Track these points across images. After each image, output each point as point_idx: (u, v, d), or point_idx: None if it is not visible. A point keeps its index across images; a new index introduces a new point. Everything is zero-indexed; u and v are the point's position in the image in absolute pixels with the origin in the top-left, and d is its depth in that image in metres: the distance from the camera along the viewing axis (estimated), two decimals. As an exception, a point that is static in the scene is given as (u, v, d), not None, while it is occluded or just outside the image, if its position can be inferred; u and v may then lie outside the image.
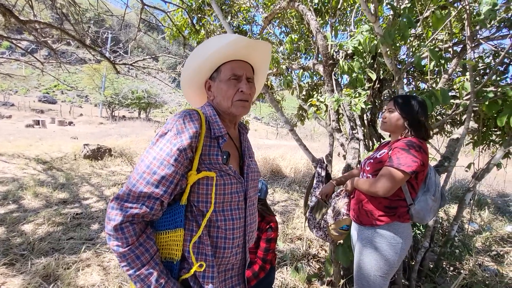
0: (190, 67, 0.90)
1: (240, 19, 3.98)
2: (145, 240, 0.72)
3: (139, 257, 0.70)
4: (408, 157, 1.25)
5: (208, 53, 0.84)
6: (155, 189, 0.70)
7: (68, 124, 18.78)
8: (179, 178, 0.74)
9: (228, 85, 0.85)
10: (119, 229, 0.68)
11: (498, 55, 2.36)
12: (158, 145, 0.74)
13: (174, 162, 0.71)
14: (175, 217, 0.76)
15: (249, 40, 0.84)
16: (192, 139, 0.74)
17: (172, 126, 0.75)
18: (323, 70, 2.46)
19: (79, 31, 4.88)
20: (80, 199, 4.17)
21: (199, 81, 0.93)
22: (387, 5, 2.38)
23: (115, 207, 0.69)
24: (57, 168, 5.86)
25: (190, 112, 0.78)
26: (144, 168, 0.72)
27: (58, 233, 2.94)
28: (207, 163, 0.78)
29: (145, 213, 0.70)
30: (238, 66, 0.87)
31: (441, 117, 2.94)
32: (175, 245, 0.76)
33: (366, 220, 1.40)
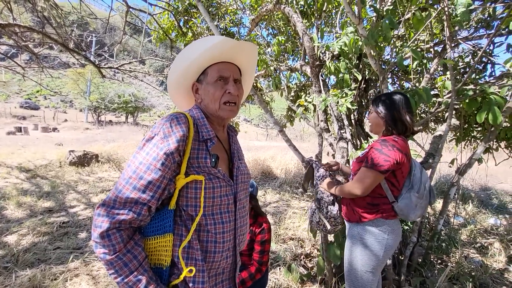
0: (176, 70, 0.89)
1: (227, 22, 3.99)
2: (133, 246, 0.71)
3: (127, 264, 0.69)
4: (380, 157, 1.28)
5: (194, 56, 0.84)
6: (142, 194, 0.69)
7: (52, 131, 18.21)
8: (166, 182, 0.73)
9: (215, 87, 0.85)
10: (105, 236, 0.67)
11: (477, 55, 2.46)
12: (144, 149, 0.73)
13: (161, 166, 0.71)
14: (163, 222, 0.75)
15: (235, 42, 0.83)
16: (179, 142, 0.73)
17: (159, 130, 0.74)
18: (310, 71, 2.50)
19: (62, 34, 4.75)
20: (67, 207, 4.05)
21: (186, 84, 0.92)
22: (370, 7, 2.44)
23: (101, 214, 0.68)
24: (41, 176, 5.67)
25: (177, 116, 0.78)
26: (130, 173, 0.71)
27: (43, 243, 2.85)
28: (195, 167, 0.77)
29: (132, 219, 0.69)
30: (224, 67, 0.87)
31: (425, 115, 3.04)
32: (164, 250, 0.75)
33: (353, 217, 1.44)
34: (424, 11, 2.31)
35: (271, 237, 1.68)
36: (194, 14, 3.93)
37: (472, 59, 2.61)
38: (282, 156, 8.09)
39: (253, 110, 21.69)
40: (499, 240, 3.23)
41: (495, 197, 5.51)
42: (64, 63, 6.88)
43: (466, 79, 2.03)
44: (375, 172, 1.28)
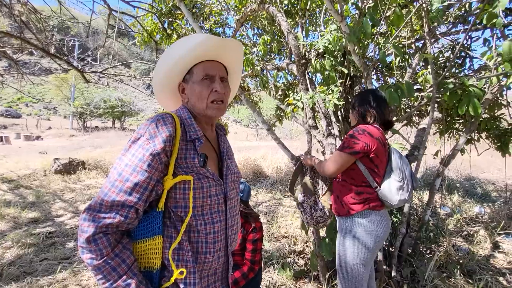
0: (161, 71, 0.88)
1: (212, 23, 3.97)
2: (121, 250, 0.69)
3: (115, 268, 0.67)
4: (351, 140, 1.40)
5: (178, 55, 0.83)
6: (128, 196, 0.68)
7: (36, 139, 17.62)
8: (154, 184, 0.72)
9: (202, 85, 0.84)
10: (92, 241, 0.65)
11: (456, 49, 2.54)
12: (130, 151, 0.72)
13: (148, 167, 0.69)
14: (152, 224, 0.74)
15: (219, 39, 0.83)
16: (165, 143, 0.72)
17: (145, 131, 0.73)
18: (297, 69, 2.51)
19: (42, 39, 4.61)
20: (53, 216, 3.92)
21: (171, 85, 0.91)
22: (352, 5, 2.48)
23: (87, 218, 0.66)
24: (25, 186, 5.48)
25: (163, 116, 0.77)
26: (116, 176, 0.69)
27: (29, 255, 2.75)
28: (183, 167, 0.76)
29: (119, 223, 0.68)
30: (210, 66, 0.86)
31: (409, 109, 3.11)
32: (154, 253, 0.74)
33: (342, 211, 1.48)
34: (404, 8, 2.38)
35: (263, 235, 1.68)
36: (178, 16, 3.89)
37: (452, 53, 2.70)
38: (272, 155, 8.12)
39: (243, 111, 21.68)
40: (484, 228, 3.35)
41: (479, 187, 5.71)
42: (45, 69, 6.67)
43: (445, 72, 2.09)
44: (345, 154, 1.40)
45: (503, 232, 3.14)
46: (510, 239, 3.13)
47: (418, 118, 3.36)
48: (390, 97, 1.71)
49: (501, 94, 2.14)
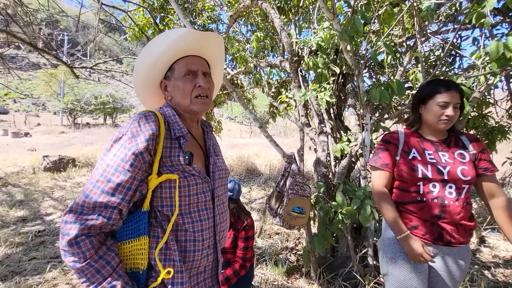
0: (141, 69, 0.86)
1: (205, 18, 3.93)
2: (106, 252, 0.68)
3: (99, 271, 0.66)
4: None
5: (158, 51, 0.81)
6: (111, 197, 0.67)
7: (24, 135, 17.22)
8: (137, 184, 0.70)
9: (184, 81, 0.82)
10: (74, 244, 0.63)
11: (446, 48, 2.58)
12: (112, 151, 0.70)
13: (130, 167, 0.68)
14: (137, 224, 0.73)
15: (200, 33, 0.82)
16: (148, 141, 0.71)
17: (127, 130, 0.71)
18: (290, 66, 2.51)
19: (29, 33, 4.48)
20: (42, 215, 3.85)
21: (153, 82, 0.89)
22: (345, 3, 2.49)
23: (69, 220, 0.65)
24: (13, 184, 5.36)
25: (146, 114, 0.75)
26: (97, 177, 0.68)
27: (18, 254, 2.70)
28: (168, 166, 0.75)
29: (102, 224, 0.66)
30: (192, 61, 0.85)
31: (400, 106, 3.15)
32: (140, 254, 0.73)
33: (467, 237, 1.17)
34: (396, 7, 2.39)
35: (254, 233, 1.69)
36: (170, 11, 3.83)
37: (442, 52, 2.73)
38: (266, 153, 8.13)
39: (236, 108, 21.63)
40: (471, 223, 3.43)
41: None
42: (33, 63, 6.50)
43: (435, 71, 2.12)
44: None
45: (489, 227, 3.23)
46: (496, 234, 3.22)
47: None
48: (381, 95, 1.72)
49: (488, 93, 2.19)
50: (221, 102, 4.77)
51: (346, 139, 2.16)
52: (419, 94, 1.25)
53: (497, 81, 1.90)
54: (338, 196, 1.81)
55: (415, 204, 1.17)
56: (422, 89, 1.24)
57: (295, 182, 1.62)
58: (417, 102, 1.26)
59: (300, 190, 1.59)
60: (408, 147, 1.24)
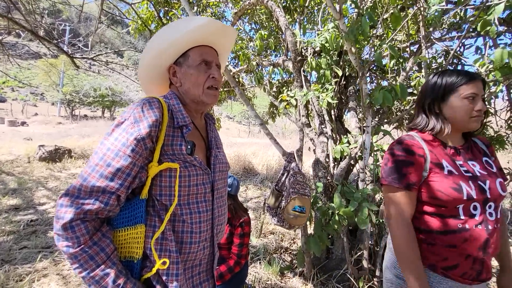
0: (152, 50, 0.83)
1: (209, 14, 3.91)
2: (100, 238, 0.66)
3: (93, 257, 0.64)
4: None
5: (175, 36, 0.80)
6: (109, 182, 0.65)
7: (21, 125, 17.06)
8: (137, 170, 0.69)
9: (199, 70, 0.82)
10: (68, 228, 0.62)
11: (449, 55, 2.59)
12: (113, 135, 0.68)
13: (131, 152, 0.66)
14: (134, 212, 0.71)
15: (221, 24, 0.82)
16: (151, 128, 0.69)
17: (129, 114, 0.70)
18: (292, 66, 2.50)
19: (31, 21, 4.43)
20: (35, 204, 3.81)
21: (161, 66, 0.86)
22: (351, 4, 2.48)
23: (65, 204, 0.63)
24: (7, 172, 5.30)
25: (149, 100, 0.73)
26: (97, 160, 0.66)
27: (8, 242, 2.66)
28: (170, 154, 0.74)
29: (99, 209, 0.64)
30: (207, 51, 0.85)
31: (400, 112, 3.15)
32: (136, 242, 0.71)
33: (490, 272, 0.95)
34: (402, 11, 2.40)
35: (250, 230, 1.67)
36: (174, 5, 3.81)
37: (445, 59, 2.74)
38: (264, 152, 8.12)
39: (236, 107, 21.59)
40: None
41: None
42: (34, 52, 6.45)
43: (439, 77, 2.12)
44: None
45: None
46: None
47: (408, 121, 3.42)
48: (384, 98, 1.72)
49: (489, 102, 2.19)
50: (221, 100, 4.75)
51: (346, 141, 2.16)
52: (434, 91, 0.97)
53: (499, 90, 1.90)
54: (335, 198, 1.80)
55: (457, 235, 0.86)
56: (435, 83, 0.97)
57: (296, 181, 1.60)
58: (432, 101, 0.98)
59: (301, 189, 1.58)
60: (437, 158, 0.93)
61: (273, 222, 1.74)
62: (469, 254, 0.86)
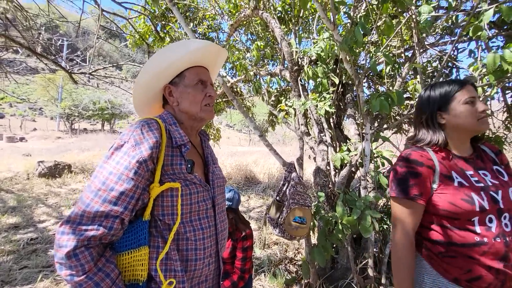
0: (150, 71, 0.85)
1: (206, 27, 3.97)
2: (104, 264, 0.66)
3: (98, 284, 0.63)
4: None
5: (174, 58, 0.82)
6: (113, 206, 0.65)
7: (20, 140, 17.05)
8: (140, 192, 0.69)
9: (196, 89, 0.85)
10: (72, 256, 0.61)
11: (443, 60, 2.62)
12: (114, 158, 0.68)
13: (134, 175, 0.67)
14: (138, 234, 0.71)
15: (218, 47, 0.88)
16: (152, 149, 0.70)
17: (129, 137, 0.70)
18: (290, 75, 2.53)
19: (28, 38, 4.48)
20: (35, 222, 3.77)
21: (157, 86, 0.88)
22: (345, 14, 2.53)
23: (66, 232, 0.62)
24: (5, 190, 5.26)
25: (148, 122, 0.74)
26: (99, 185, 0.65)
27: (8, 262, 2.62)
28: (170, 174, 0.74)
29: (103, 235, 0.64)
30: (203, 71, 0.89)
31: (399, 117, 3.17)
32: (140, 265, 0.70)
33: None
34: (395, 18, 2.44)
35: (253, 243, 1.65)
36: (171, 19, 3.87)
37: (439, 64, 2.78)
38: (265, 161, 8.11)
39: (235, 116, 21.81)
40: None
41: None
42: (31, 68, 6.48)
43: (434, 82, 2.14)
44: None
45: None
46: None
47: (408, 126, 3.43)
48: (381, 105, 1.73)
49: (485, 104, 2.21)
50: (220, 110, 4.77)
51: (346, 149, 2.16)
52: (430, 104, 0.99)
53: (494, 92, 1.91)
54: (338, 206, 1.79)
55: (475, 248, 0.86)
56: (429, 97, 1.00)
57: (296, 192, 1.60)
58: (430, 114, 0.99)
59: (301, 200, 1.57)
60: (446, 169, 0.92)
61: (274, 233, 1.72)
62: (491, 266, 0.85)
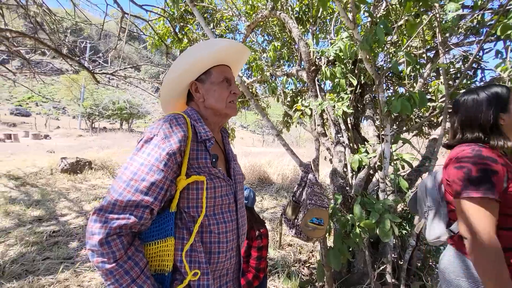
0: (179, 67, 0.87)
1: (223, 28, 4.01)
2: (134, 253, 0.67)
3: (128, 272, 0.65)
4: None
5: (202, 55, 0.85)
6: (144, 196, 0.66)
7: (44, 138, 17.90)
8: (168, 184, 0.71)
9: (222, 87, 0.88)
10: (104, 243, 0.63)
11: (467, 60, 2.51)
12: (144, 150, 0.71)
13: (164, 167, 0.69)
14: (165, 225, 0.73)
15: (245, 47, 0.92)
16: (181, 143, 0.72)
17: (158, 130, 0.73)
18: (307, 76, 2.51)
19: (55, 40, 4.71)
20: (57, 215, 3.93)
21: (184, 82, 0.90)
22: (364, 13, 2.48)
23: (99, 220, 0.64)
24: (31, 184, 5.53)
25: (176, 116, 0.77)
26: (130, 175, 0.68)
27: (32, 253, 2.74)
28: (195, 167, 0.76)
29: (133, 224, 0.66)
30: (227, 70, 0.93)
31: (419, 119, 3.07)
32: (166, 255, 0.72)
33: None
34: (417, 18, 2.36)
35: (268, 243, 1.64)
36: (189, 20, 3.95)
37: (463, 65, 2.66)
38: (278, 162, 8.07)
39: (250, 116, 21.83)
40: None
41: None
42: (57, 69, 6.80)
43: (458, 84, 2.06)
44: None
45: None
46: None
47: (428, 129, 3.31)
48: (403, 106, 1.68)
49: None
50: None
51: (364, 150, 2.11)
52: (495, 104, 0.97)
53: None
54: (356, 209, 1.75)
55: None
56: (490, 98, 0.98)
57: (313, 192, 1.58)
58: (495, 114, 0.97)
59: (319, 201, 1.54)
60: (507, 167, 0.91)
61: (290, 233, 1.71)
62: None
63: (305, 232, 1.54)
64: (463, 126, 1.03)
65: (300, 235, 1.61)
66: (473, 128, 1.00)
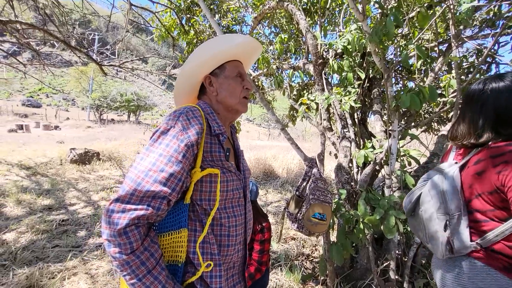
0: (195, 60, 0.87)
1: (229, 19, 3.97)
2: (150, 244, 0.68)
3: (144, 263, 0.65)
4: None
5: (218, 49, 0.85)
6: (163, 187, 0.66)
7: (54, 128, 18.26)
8: (185, 175, 0.71)
9: (235, 82, 0.88)
10: (123, 234, 0.62)
11: (481, 54, 2.42)
12: (161, 142, 0.70)
13: (183, 158, 0.69)
14: (179, 217, 0.74)
15: (259, 43, 0.92)
16: (198, 135, 0.73)
17: (175, 122, 0.73)
18: (314, 69, 2.46)
19: (64, 32, 4.75)
20: (66, 205, 4.03)
21: (199, 76, 0.90)
22: (374, 4, 2.40)
23: (117, 210, 0.63)
24: (41, 173, 5.67)
25: (192, 109, 0.77)
26: (149, 166, 0.67)
27: (42, 241, 2.83)
28: (209, 160, 0.77)
29: (151, 214, 0.66)
30: (241, 65, 0.93)
31: (428, 114, 2.99)
32: (179, 246, 0.73)
33: None
34: (429, 9, 2.28)
35: (271, 236, 1.65)
36: (196, 12, 3.91)
37: (476, 59, 2.57)
38: (284, 156, 8.05)
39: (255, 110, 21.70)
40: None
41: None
42: (66, 61, 6.87)
43: (471, 78, 1.99)
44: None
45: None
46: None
47: (438, 125, 3.23)
48: (412, 101, 1.64)
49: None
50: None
51: (370, 146, 2.08)
52: None
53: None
54: (360, 205, 1.73)
55: None
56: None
57: (317, 187, 1.57)
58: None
59: (322, 196, 1.53)
60: None
61: (292, 227, 1.71)
62: None
63: (307, 227, 1.54)
64: (496, 120, 0.90)
65: (302, 229, 1.61)
66: (510, 123, 0.88)
